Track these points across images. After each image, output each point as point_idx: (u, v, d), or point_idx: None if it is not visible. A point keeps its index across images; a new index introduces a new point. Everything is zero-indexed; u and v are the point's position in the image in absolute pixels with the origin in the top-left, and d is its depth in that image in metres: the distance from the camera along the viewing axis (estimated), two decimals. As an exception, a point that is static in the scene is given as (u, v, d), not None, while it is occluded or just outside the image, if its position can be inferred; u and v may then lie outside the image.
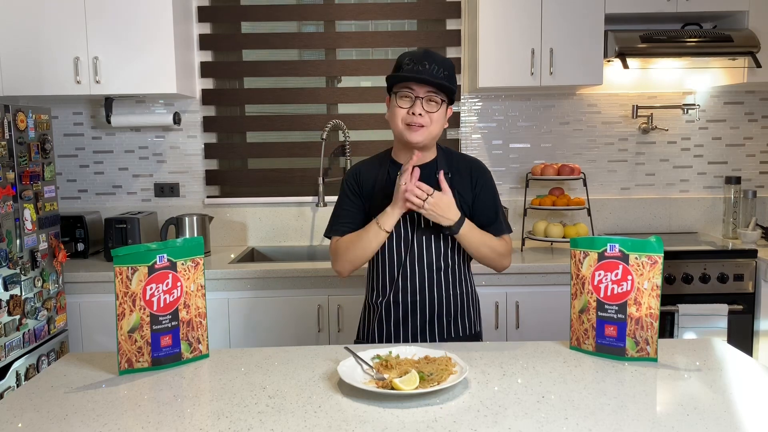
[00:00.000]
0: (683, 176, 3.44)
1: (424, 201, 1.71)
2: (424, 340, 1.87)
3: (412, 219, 1.83)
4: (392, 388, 1.37)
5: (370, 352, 1.58)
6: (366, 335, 1.96)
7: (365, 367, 1.51)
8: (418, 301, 1.85)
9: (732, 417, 1.27)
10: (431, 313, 1.86)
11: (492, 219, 1.88)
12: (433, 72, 1.72)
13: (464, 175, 1.86)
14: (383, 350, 1.59)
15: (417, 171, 1.74)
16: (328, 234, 1.92)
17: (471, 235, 1.79)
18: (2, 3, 2.90)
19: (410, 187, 1.71)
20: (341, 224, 1.89)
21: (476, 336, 1.95)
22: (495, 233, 1.87)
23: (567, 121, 3.40)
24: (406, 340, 1.88)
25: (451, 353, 1.56)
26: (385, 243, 1.83)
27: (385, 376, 1.44)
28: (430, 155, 1.88)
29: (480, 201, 1.86)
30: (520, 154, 3.41)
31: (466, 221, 1.79)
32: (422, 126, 1.75)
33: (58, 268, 2.68)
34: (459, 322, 1.90)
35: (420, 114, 1.73)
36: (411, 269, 1.84)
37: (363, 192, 1.88)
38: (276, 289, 2.78)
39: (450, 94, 1.78)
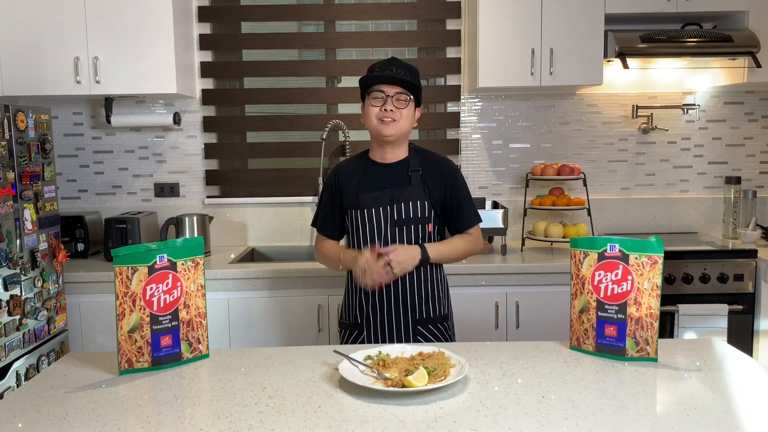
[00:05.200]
0: (683, 176, 3.44)
1: (392, 271, 1.89)
2: (398, 322, 2.01)
3: (386, 213, 1.99)
4: (403, 386, 1.38)
5: (359, 354, 1.58)
6: (348, 316, 2.11)
7: (362, 367, 1.51)
8: (392, 285, 2.00)
9: (732, 417, 1.27)
10: (404, 297, 2.01)
11: (464, 213, 2.06)
12: (400, 74, 1.93)
13: (435, 173, 2.03)
14: (373, 350, 1.60)
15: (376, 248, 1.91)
16: (314, 224, 2.20)
17: (440, 254, 2.00)
18: (2, 3, 2.90)
19: (374, 270, 1.88)
20: (322, 222, 2.14)
21: (444, 317, 2.08)
22: (466, 226, 2.06)
23: (567, 121, 3.40)
24: (383, 322, 2.02)
25: (442, 348, 1.59)
26: (362, 235, 2.03)
27: (387, 374, 1.44)
28: (403, 153, 2.05)
29: (452, 198, 2.04)
30: (520, 154, 3.41)
31: (428, 246, 1.97)
32: (394, 120, 1.94)
33: (58, 268, 2.68)
34: (429, 304, 2.04)
35: (391, 110, 1.94)
36: None
37: (342, 189, 2.07)
38: (276, 289, 2.78)
39: (416, 93, 1.97)
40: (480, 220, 2.10)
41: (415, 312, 2.02)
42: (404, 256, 1.90)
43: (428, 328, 2.03)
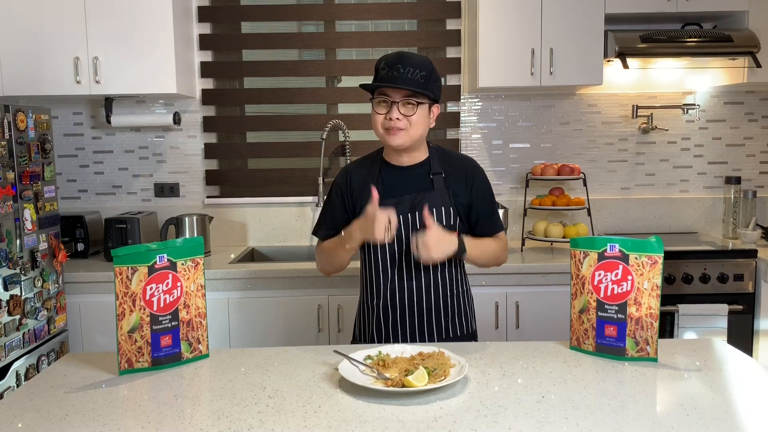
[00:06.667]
0: (683, 176, 3.44)
1: (417, 249, 1.67)
2: (422, 340, 1.88)
3: (406, 221, 1.82)
4: (403, 386, 1.38)
5: (359, 354, 1.58)
6: (363, 336, 1.95)
7: (362, 367, 1.51)
8: (415, 302, 1.85)
9: (732, 417, 1.27)
10: (428, 314, 1.86)
11: (489, 218, 1.89)
12: (408, 75, 1.70)
13: (459, 175, 1.85)
14: (373, 350, 1.59)
15: (376, 194, 1.73)
16: (315, 233, 1.98)
17: (475, 252, 1.81)
18: (2, 3, 2.90)
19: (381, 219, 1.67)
20: (325, 228, 1.94)
21: (472, 335, 1.95)
22: (492, 231, 1.90)
23: (567, 121, 3.40)
24: (404, 341, 1.88)
25: (442, 348, 1.58)
26: (379, 247, 1.84)
27: (387, 374, 1.44)
28: (422, 155, 1.86)
29: (478, 201, 1.86)
30: (520, 154, 3.41)
31: (466, 240, 1.78)
32: (401, 129, 1.74)
33: (58, 268, 2.68)
34: (456, 322, 1.90)
35: (397, 118, 1.72)
36: (407, 271, 1.84)
37: (353, 193, 1.88)
38: (276, 289, 2.78)
39: (428, 93, 1.74)
40: (504, 227, 1.93)
41: (440, 331, 1.86)
42: (436, 241, 1.66)
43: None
